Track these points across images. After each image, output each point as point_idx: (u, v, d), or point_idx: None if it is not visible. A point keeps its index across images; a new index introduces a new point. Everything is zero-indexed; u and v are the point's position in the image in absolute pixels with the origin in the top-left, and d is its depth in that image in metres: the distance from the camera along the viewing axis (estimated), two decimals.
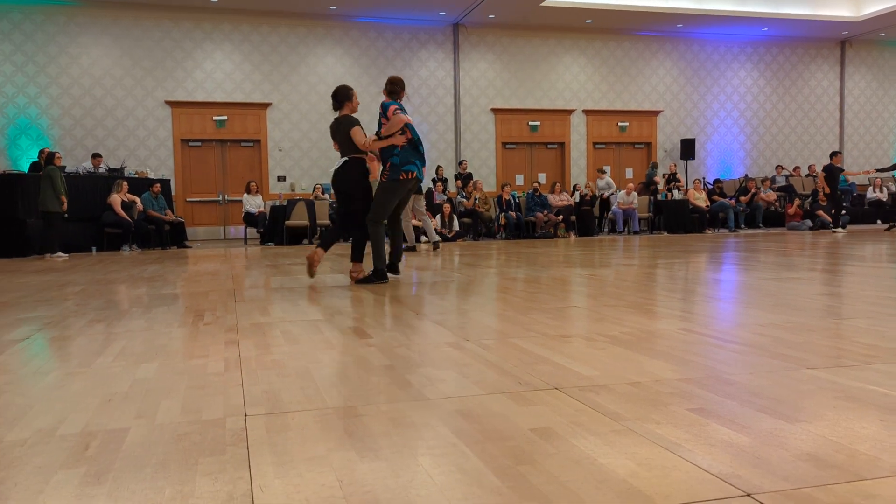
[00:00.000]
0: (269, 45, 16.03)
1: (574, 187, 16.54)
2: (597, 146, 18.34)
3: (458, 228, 13.98)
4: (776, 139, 19.42)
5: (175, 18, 15.50)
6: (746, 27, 17.91)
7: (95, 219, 12.06)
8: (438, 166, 15.80)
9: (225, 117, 15.89)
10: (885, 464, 1.53)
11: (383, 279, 5.54)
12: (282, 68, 16.13)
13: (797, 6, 17.26)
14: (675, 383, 2.25)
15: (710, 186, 17.06)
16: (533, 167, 18.04)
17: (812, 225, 15.60)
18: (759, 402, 2.02)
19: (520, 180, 17.58)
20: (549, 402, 2.08)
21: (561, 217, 14.79)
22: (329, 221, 14.32)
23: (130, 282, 6.23)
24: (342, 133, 5.55)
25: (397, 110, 5.47)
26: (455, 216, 14.08)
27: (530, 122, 17.66)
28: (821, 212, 15.41)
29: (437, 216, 13.61)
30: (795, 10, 17.24)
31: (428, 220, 10.69)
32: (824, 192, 14.34)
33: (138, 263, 8.75)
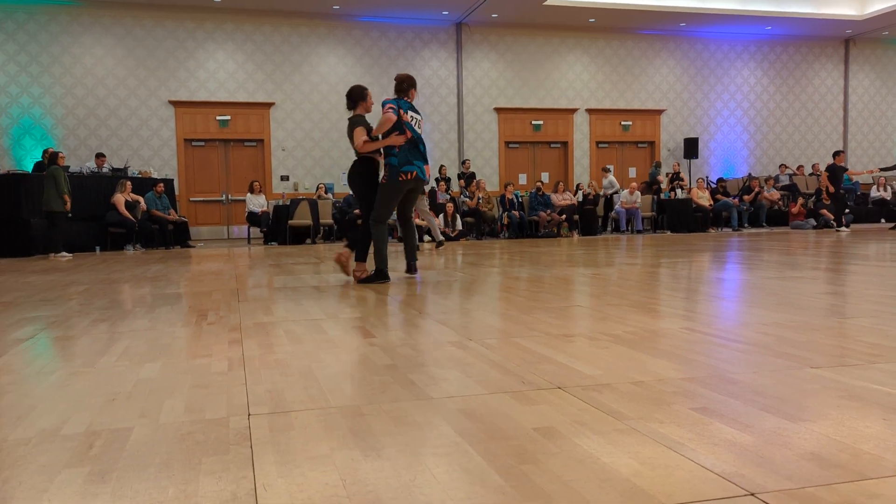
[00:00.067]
0: (271, 44, 16.04)
1: (577, 186, 16.54)
2: (600, 145, 18.32)
3: (461, 228, 13.98)
4: (780, 138, 19.38)
5: (178, 18, 15.52)
6: (750, 26, 17.87)
7: (99, 218, 12.09)
8: (442, 165, 15.81)
9: (228, 117, 15.91)
10: (889, 463, 1.53)
11: (384, 279, 5.54)
12: (284, 68, 16.14)
13: (801, 5, 17.22)
14: (679, 382, 2.25)
15: (714, 185, 17.04)
16: (536, 166, 18.03)
17: (816, 224, 15.57)
18: (763, 402, 2.01)
19: (523, 179, 17.58)
20: (552, 401, 2.08)
21: (564, 216, 14.79)
22: (332, 221, 14.34)
23: (134, 281, 6.24)
24: (349, 133, 5.56)
25: (390, 108, 5.40)
26: (458, 215, 14.09)
27: (533, 122, 17.65)
28: (824, 210, 15.38)
29: (441, 215, 13.62)
30: (799, 9, 17.20)
31: (433, 219, 10.68)
32: (828, 191, 14.31)
33: (142, 263, 8.77)
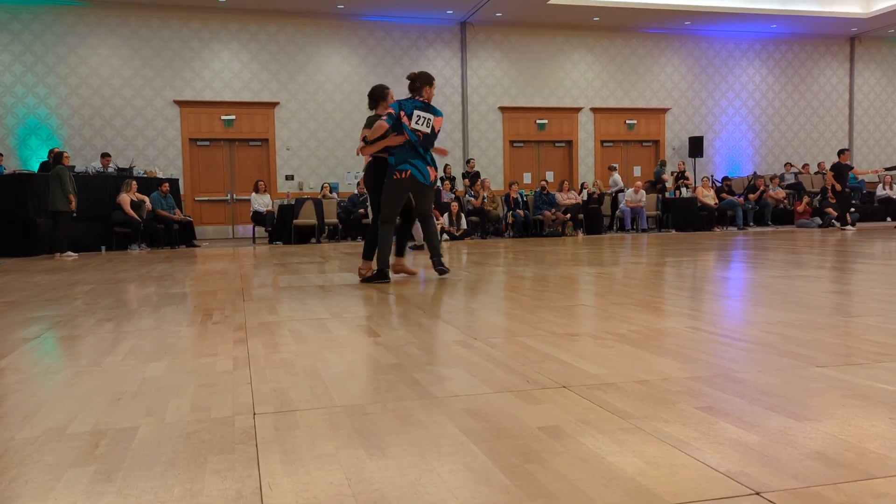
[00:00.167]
0: (276, 44, 16.06)
1: (582, 185, 16.52)
2: (605, 144, 18.30)
3: (465, 227, 13.98)
4: (785, 136, 19.33)
5: (183, 18, 15.55)
6: (755, 24, 17.82)
7: (105, 218, 12.13)
8: (446, 164, 15.80)
9: (233, 116, 15.93)
10: (895, 462, 1.52)
11: (384, 279, 5.57)
12: (289, 67, 16.16)
13: (806, 3, 17.16)
14: (684, 381, 2.25)
15: (719, 184, 17.00)
16: (540, 165, 18.01)
17: (821, 222, 15.53)
18: (768, 401, 2.01)
19: (527, 178, 17.57)
20: (556, 400, 2.08)
21: (569, 215, 14.78)
22: (337, 220, 14.35)
23: (139, 281, 6.26)
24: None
25: (387, 114, 5.45)
26: (463, 215, 14.09)
27: (538, 121, 17.63)
28: (829, 209, 15.34)
29: (445, 215, 13.62)
30: (805, 7, 17.15)
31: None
32: (833, 189, 14.26)
33: (147, 262, 8.79)
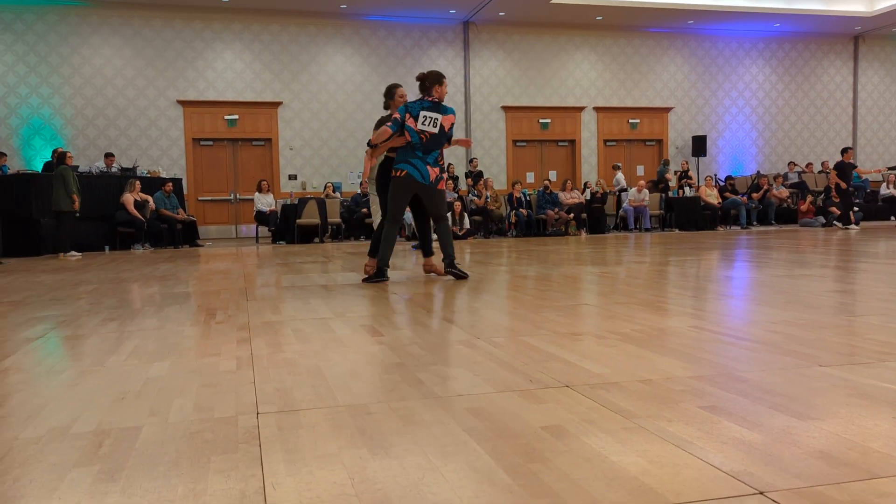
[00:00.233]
0: (279, 43, 16.07)
1: (585, 185, 16.51)
2: (608, 143, 18.28)
3: (468, 226, 13.98)
4: (788, 135, 19.29)
5: (186, 18, 15.56)
6: (758, 23, 17.79)
7: (108, 218, 12.15)
8: (449, 164, 15.79)
9: (236, 116, 15.95)
10: None
11: (381, 277, 5.59)
12: (292, 67, 16.17)
13: (810, 1, 17.13)
14: (687, 381, 2.24)
15: (722, 183, 16.98)
16: (543, 165, 18.00)
17: (825, 221, 15.50)
18: (772, 400, 2.01)
19: (530, 178, 17.55)
20: (560, 399, 2.07)
21: (572, 214, 14.77)
22: (340, 220, 14.36)
23: (143, 281, 6.27)
24: None
25: (394, 119, 5.45)
26: (466, 214, 14.09)
27: (541, 120, 17.62)
28: (833, 208, 15.31)
29: (448, 214, 13.60)
30: (808, 6, 17.11)
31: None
32: (837, 187, 14.23)
33: (150, 262, 8.80)
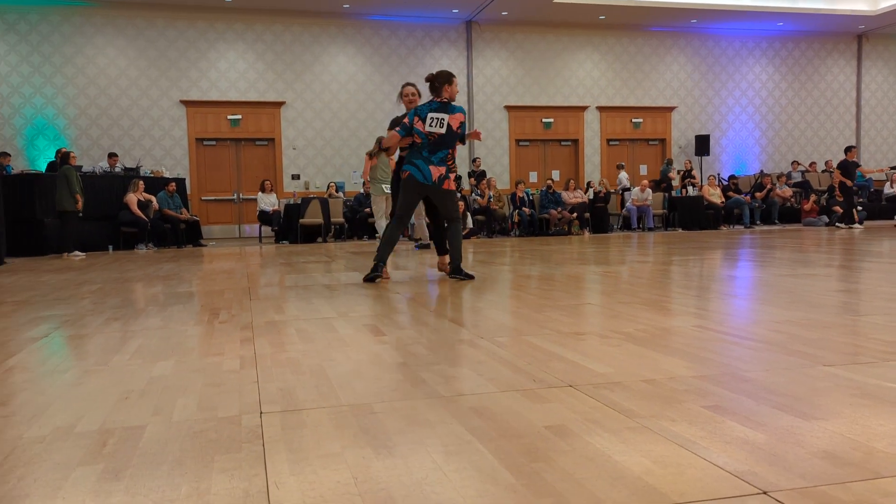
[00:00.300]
0: (282, 43, 16.08)
1: (588, 184, 16.50)
2: (611, 143, 18.27)
3: (471, 226, 13.98)
4: (792, 135, 19.26)
5: (189, 19, 15.58)
6: (761, 22, 17.76)
7: (112, 218, 12.17)
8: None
9: (239, 116, 15.96)
10: None
11: (377, 273, 5.55)
12: (295, 67, 16.18)
13: (813, 0, 17.10)
14: (691, 380, 2.24)
15: (725, 183, 16.96)
16: (546, 164, 17.99)
17: (828, 221, 15.47)
18: (775, 400, 2.00)
19: (533, 177, 17.55)
20: (563, 399, 2.07)
21: (575, 214, 14.76)
22: (343, 219, 14.37)
23: (146, 280, 6.28)
24: None
25: (403, 123, 5.49)
26: (469, 214, 14.08)
27: (544, 119, 17.61)
28: (837, 207, 15.29)
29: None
30: (811, 5, 17.08)
31: (422, 222, 10.72)
32: (841, 186, 14.19)
33: (154, 262, 8.81)
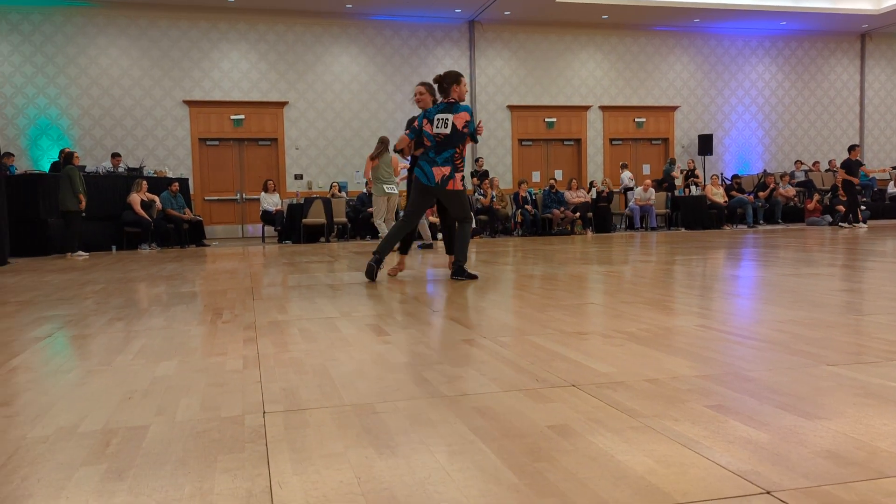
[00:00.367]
0: (285, 43, 16.09)
1: (591, 184, 16.48)
2: (613, 142, 18.25)
3: (474, 226, 13.98)
4: (795, 134, 19.22)
5: (192, 19, 15.59)
6: (765, 21, 17.73)
7: (115, 218, 12.19)
8: None
9: (242, 116, 15.97)
10: None
11: (378, 266, 5.59)
12: (298, 67, 16.19)
13: None
14: (693, 380, 2.24)
15: (728, 182, 16.93)
16: (549, 164, 17.98)
17: (832, 220, 15.44)
18: (779, 399, 2.00)
19: (536, 177, 17.54)
20: (566, 398, 2.07)
21: (578, 214, 14.75)
22: (346, 219, 14.37)
23: (150, 280, 6.29)
24: None
25: (411, 128, 5.66)
26: (472, 213, 14.07)
27: (546, 119, 17.60)
28: (840, 207, 15.26)
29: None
30: (815, 4, 17.04)
31: (423, 221, 10.80)
32: (845, 185, 14.16)
33: (157, 262, 8.82)
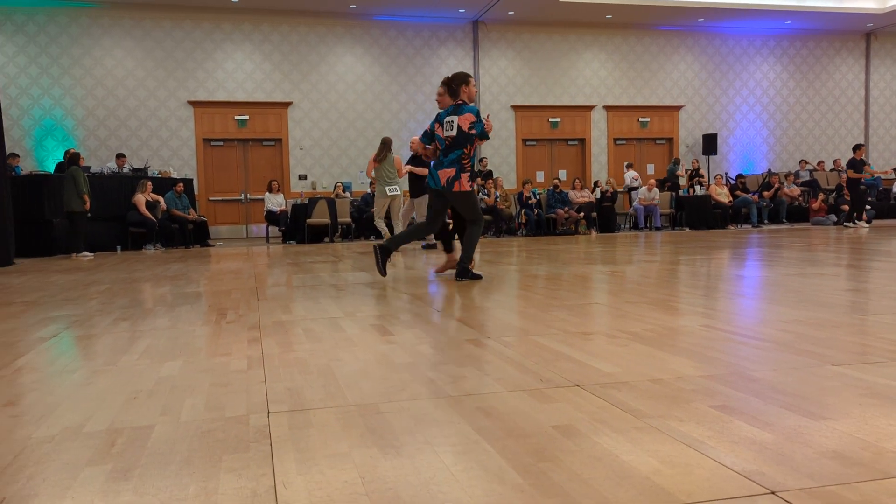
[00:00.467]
0: (288, 44, 16.10)
1: (595, 184, 16.46)
2: (618, 142, 18.23)
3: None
4: (800, 133, 19.17)
5: (196, 19, 15.62)
6: (769, 20, 17.69)
7: (120, 218, 12.22)
8: None
9: (246, 116, 15.99)
10: None
11: (387, 255, 5.63)
12: (302, 67, 16.20)
13: None
14: (698, 380, 2.24)
15: (733, 182, 16.89)
16: (553, 164, 17.97)
17: (836, 220, 15.40)
18: (783, 399, 2.00)
19: (540, 177, 17.53)
20: (570, 399, 2.07)
21: (582, 213, 14.73)
22: (350, 219, 14.38)
23: (154, 281, 6.30)
24: None
25: (423, 132, 5.72)
26: None
27: (550, 119, 17.59)
28: (845, 206, 15.21)
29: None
30: (819, 3, 16.99)
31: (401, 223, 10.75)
32: (850, 185, 14.11)
33: (162, 262, 8.84)
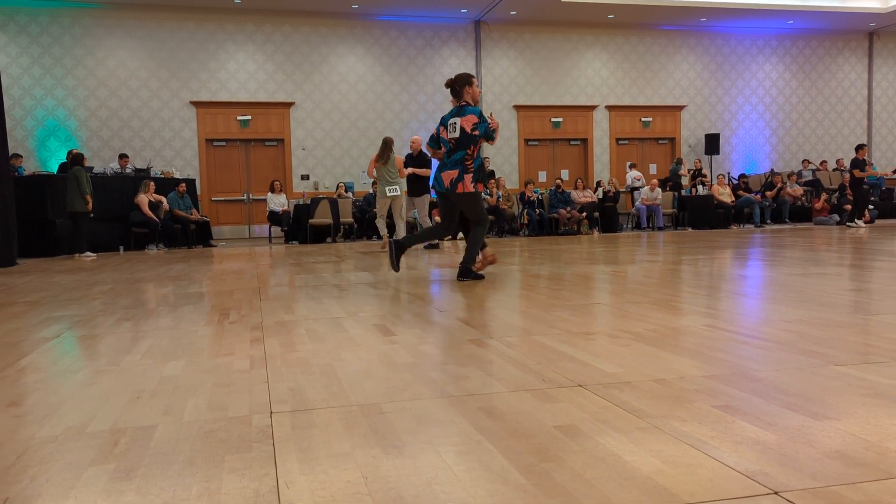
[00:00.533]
0: (291, 44, 16.12)
1: (597, 183, 16.46)
2: (620, 142, 18.22)
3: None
4: (802, 133, 19.15)
5: (198, 20, 15.63)
6: (771, 20, 17.67)
7: (123, 219, 12.24)
8: None
9: (249, 117, 16.01)
10: None
11: (401, 251, 5.67)
12: (304, 67, 16.21)
13: None
14: (701, 380, 2.24)
15: (735, 181, 16.88)
16: (556, 164, 17.96)
17: (839, 220, 15.38)
18: (786, 399, 2.00)
19: (542, 177, 17.52)
20: (572, 399, 2.07)
21: (584, 213, 14.73)
22: (352, 219, 14.39)
23: (157, 281, 6.31)
24: None
25: (430, 136, 5.76)
26: None
27: (553, 119, 17.59)
28: (848, 206, 15.19)
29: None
30: (822, 2, 16.96)
31: (428, 221, 10.85)
32: (853, 185, 14.09)
33: (164, 262, 8.85)
